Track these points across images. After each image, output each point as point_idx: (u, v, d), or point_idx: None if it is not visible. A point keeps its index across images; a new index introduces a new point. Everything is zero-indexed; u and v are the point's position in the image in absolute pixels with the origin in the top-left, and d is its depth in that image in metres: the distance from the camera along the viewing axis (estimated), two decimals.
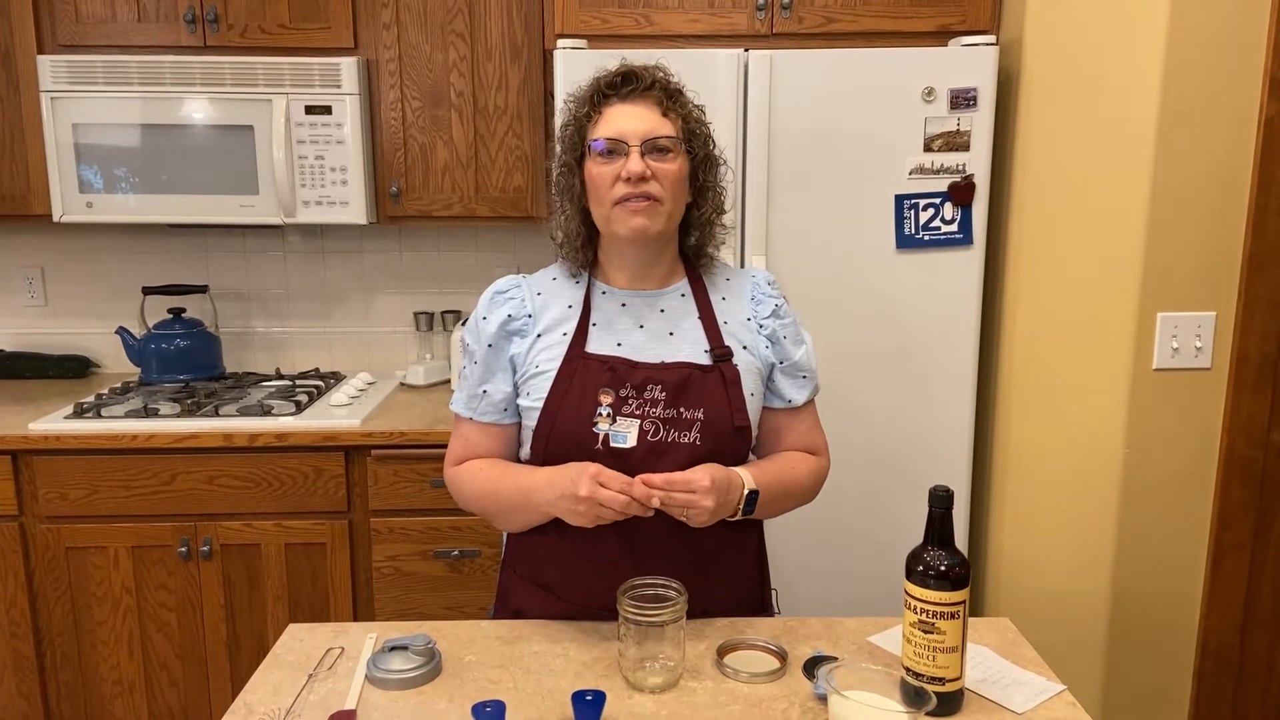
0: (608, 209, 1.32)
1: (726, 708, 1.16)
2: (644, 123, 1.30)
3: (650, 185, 1.29)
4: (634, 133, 1.30)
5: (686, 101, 1.36)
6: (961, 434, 2.21)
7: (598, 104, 1.34)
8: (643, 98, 1.32)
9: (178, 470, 2.23)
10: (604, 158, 1.31)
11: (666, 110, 1.32)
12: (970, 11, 2.23)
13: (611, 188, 1.30)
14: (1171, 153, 1.89)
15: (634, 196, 1.29)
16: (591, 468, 1.22)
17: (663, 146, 1.30)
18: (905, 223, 2.14)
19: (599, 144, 1.31)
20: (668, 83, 1.35)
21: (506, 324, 1.38)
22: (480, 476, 1.38)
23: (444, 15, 2.39)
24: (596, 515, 1.21)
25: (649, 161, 1.29)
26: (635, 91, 1.32)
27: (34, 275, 2.80)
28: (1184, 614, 2.07)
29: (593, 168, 1.32)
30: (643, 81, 1.32)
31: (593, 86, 1.35)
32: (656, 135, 1.30)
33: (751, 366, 1.37)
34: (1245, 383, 1.95)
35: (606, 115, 1.32)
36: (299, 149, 2.37)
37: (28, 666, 2.28)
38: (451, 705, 1.17)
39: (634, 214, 1.30)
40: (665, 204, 1.31)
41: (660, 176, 1.30)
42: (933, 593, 1.11)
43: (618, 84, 1.33)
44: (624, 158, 1.29)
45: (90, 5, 2.36)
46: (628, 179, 1.28)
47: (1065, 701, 1.19)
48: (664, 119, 1.32)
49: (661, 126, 1.31)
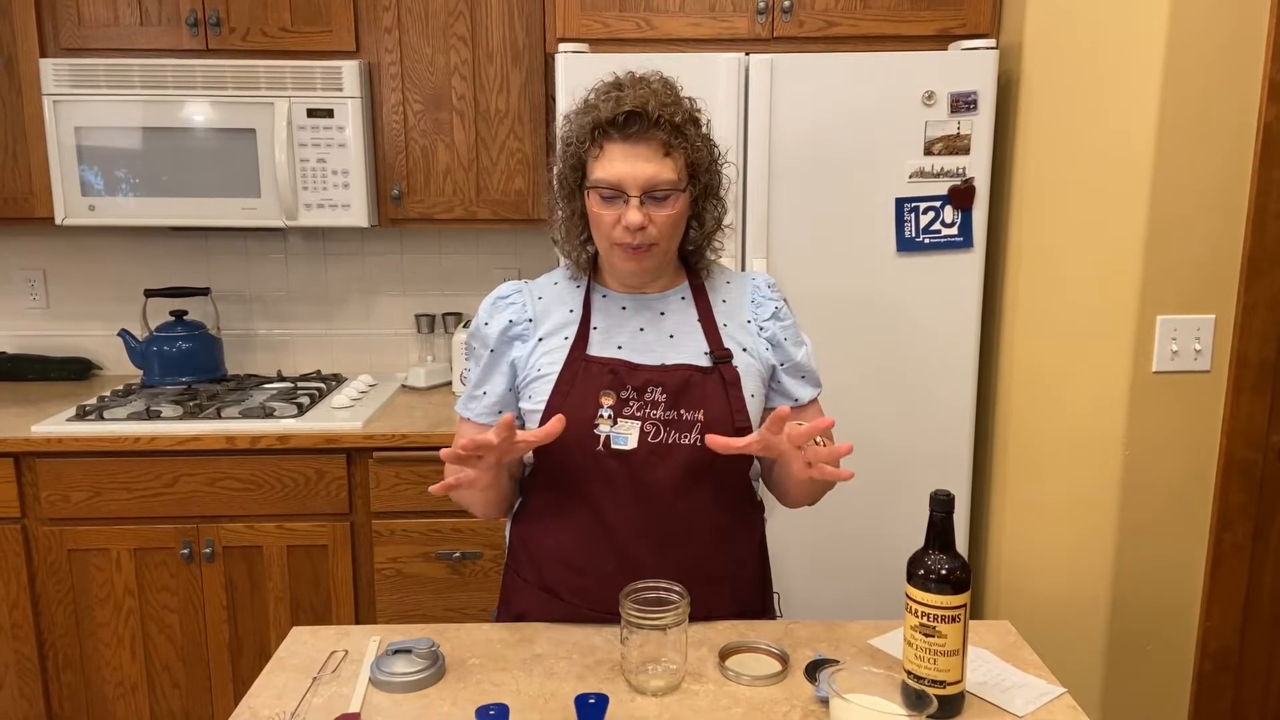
0: (607, 245, 1.33)
1: (728, 710, 1.17)
2: (645, 169, 1.28)
3: (648, 232, 1.30)
4: (634, 181, 1.28)
5: (690, 133, 1.32)
6: (961, 437, 2.22)
7: (598, 139, 1.30)
8: (645, 139, 1.28)
9: (180, 472, 2.23)
10: (604, 201, 1.30)
11: (669, 150, 1.29)
12: (970, 15, 2.24)
13: (611, 229, 1.31)
14: (1171, 156, 1.90)
15: (632, 243, 1.30)
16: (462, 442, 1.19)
17: (662, 195, 1.29)
18: (905, 226, 2.14)
19: (600, 190, 1.30)
20: (672, 120, 1.29)
21: (508, 329, 1.39)
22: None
23: (445, 18, 2.39)
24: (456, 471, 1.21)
25: (647, 210, 1.29)
26: (638, 133, 1.28)
27: (36, 278, 2.80)
28: (1183, 616, 2.08)
29: (592, 204, 1.32)
30: (646, 121, 1.28)
31: (594, 117, 1.30)
32: (656, 185, 1.28)
33: (751, 368, 1.38)
34: (1244, 385, 1.96)
35: (608, 153, 1.29)
36: (301, 152, 2.37)
37: (30, 668, 2.28)
38: (455, 708, 1.17)
39: (630, 259, 1.32)
40: (662, 244, 1.32)
41: (658, 223, 1.30)
42: (934, 596, 1.11)
43: (620, 123, 1.28)
44: (624, 204, 1.28)
45: (92, 8, 2.36)
46: (627, 227, 1.29)
47: (1066, 705, 1.19)
48: (665, 160, 1.28)
49: (662, 171, 1.28)
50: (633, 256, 1.32)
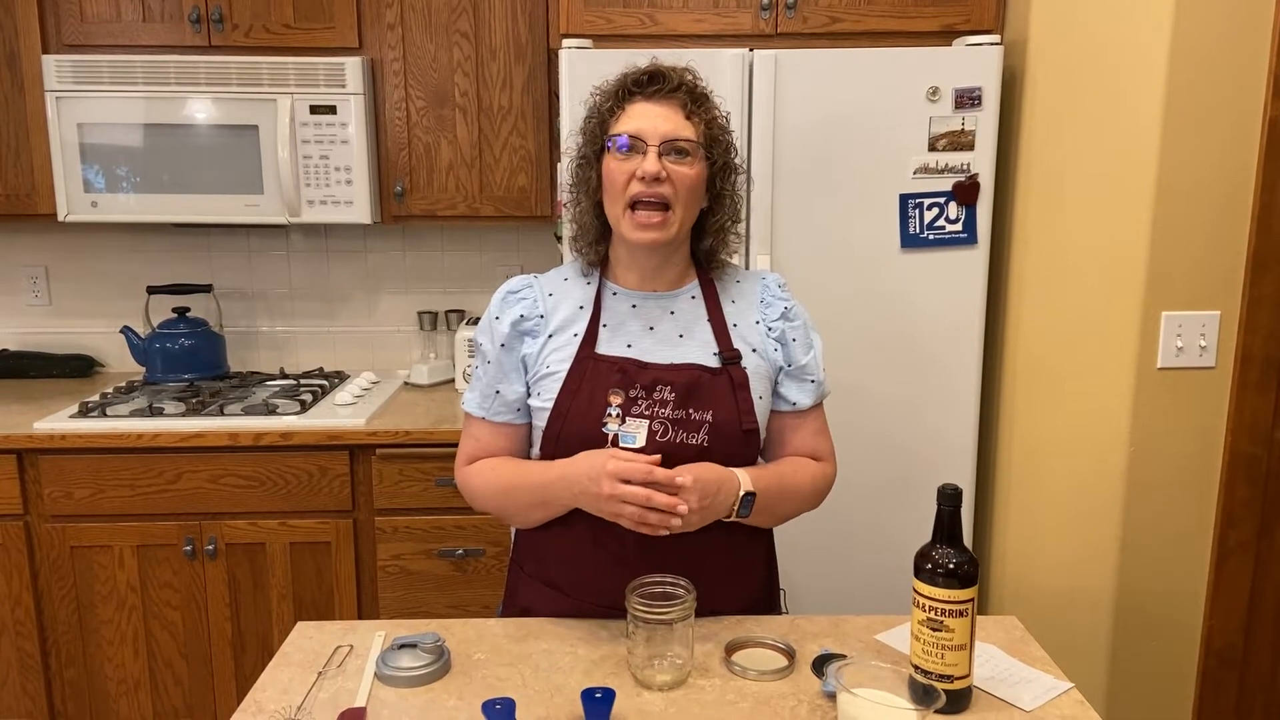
0: (620, 209, 1.32)
1: (735, 705, 1.17)
2: (666, 123, 1.30)
3: (664, 187, 1.29)
4: (654, 132, 1.29)
5: (711, 107, 1.35)
6: (966, 433, 2.22)
7: (622, 100, 1.33)
8: (668, 98, 1.31)
9: (182, 469, 2.23)
10: (622, 154, 1.30)
11: (690, 113, 1.32)
12: (975, 11, 2.24)
13: (626, 185, 1.30)
14: (1176, 152, 1.89)
15: (647, 197, 1.29)
16: (609, 464, 1.21)
17: (681, 149, 1.30)
18: (910, 222, 2.14)
19: (619, 139, 1.30)
20: (695, 85, 1.34)
21: (519, 324, 1.38)
22: (493, 475, 1.38)
23: (448, 15, 2.39)
24: (615, 513, 1.22)
25: (666, 163, 1.29)
26: (661, 91, 1.32)
27: (38, 274, 2.80)
28: (1188, 612, 2.07)
29: (610, 163, 1.32)
30: (669, 82, 1.32)
31: (619, 82, 1.34)
32: (676, 137, 1.30)
33: (760, 369, 1.38)
34: (1249, 382, 1.95)
35: (629, 112, 1.32)
36: (304, 149, 2.37)
37: (33, 665, 2.28)
38: (461, 703, 1.17)
39: (643, 227, 1.30)
40: (677, 210, 1.31)
41: (676, 179, 1.30)
42: (941, 590, 1.11)
43: (644, 82, 1.32)
44: (641, 156, 1.29)
45: (95, 5, 2.36)
46: (642, 178, 1.28)
47: (1073, 699, 1.19)
48: (686, 122, 1.31)
49: (683, 129, 1.31)
50: (646, 223, 1.30)
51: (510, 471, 1.37)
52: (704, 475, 1.25)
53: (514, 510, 1.38)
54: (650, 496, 1.19)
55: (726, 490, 1.27)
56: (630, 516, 1.21)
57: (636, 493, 1.19)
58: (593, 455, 1.26)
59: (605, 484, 1.21)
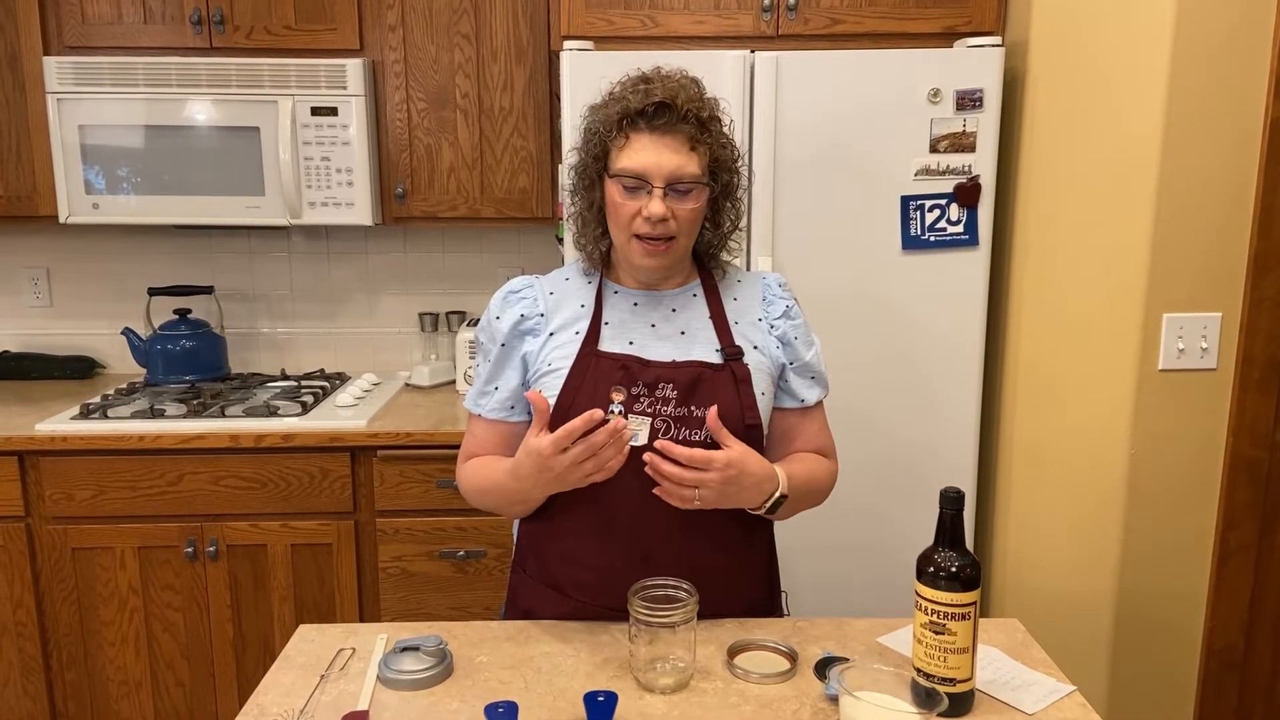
0: (625, 236, 1.33)
1: (737, 708, 1.17)
2: (671, 160, 1.28)
3: (669, 225, 1.30)
4: (659, 171, 1.28)
5: (715, 130, 1.33)
6: (967, 435, 2.22)
7: (625, 129, 1.30)
8: (673, 130, 1.29)
9: (184, 471, 2.23)
10: (626, 191, 1.30)
11: (695, 144, 1.30)
12: (976, 12, 2.24)
13: (631, 220, 1.30)
14: (1177, 153, 1.89)
15: (652, 236, 1.30)
16: (542, 448, 1.19)
17: (684, 189, 1.29)
18: (911, 224, 2.14)
19: (624, 178, 1.29)
20: (699, 114, 1.31)
21: (519, 323, 1.39)
22: (477, 475, 1.40)
23: (449, 17, 2.39)
24: (584, 475, 1.21)
25: (670, 203, 1.29)
26: (666, 125, 1.29)
27: (39, 276, 2.80)
28: (1189, 615, 2.07)
29: (614, 194, 1.31)
30: (675, 113, 1.28)
31: (622, 106, 1.30)
32: (681, 177, 1.28)
33: (762, 366, 1.38)
34: (1251, 383, 1.95)
35: (634, 143, 1.29)
36: (305, 150, 2.37)
37: (34, 667, 2.28)
38: (463, 706, 1.17)
39: (650, 254, 1.31)
40: (681, 239, 1.32)
41: (679, 216, 1.30)
42: (944, 593, 1.11)
43: (649, 114, 1.29)
44: (646, 194, 1.28)
45: (96, 7, 2.36)
46: (648, 218, 1.28)
47: (1076, 702, 1.19)
48: (691, 154, 1.29)
49: (687, 164, 1.29)
50: (651, 252, 1.31)
51: (487, 473, 1.38)
52: (747, 463, 1.25)
53: (502, 506, 1.39)
54: (591, 442, 1.18)
55: (763, 488, 1.28)
56: (594, 468, 1.20)
57: (582, 450, 1.18)
58: (525, 443, 1.24)
59: (552, 462, 1.19)
